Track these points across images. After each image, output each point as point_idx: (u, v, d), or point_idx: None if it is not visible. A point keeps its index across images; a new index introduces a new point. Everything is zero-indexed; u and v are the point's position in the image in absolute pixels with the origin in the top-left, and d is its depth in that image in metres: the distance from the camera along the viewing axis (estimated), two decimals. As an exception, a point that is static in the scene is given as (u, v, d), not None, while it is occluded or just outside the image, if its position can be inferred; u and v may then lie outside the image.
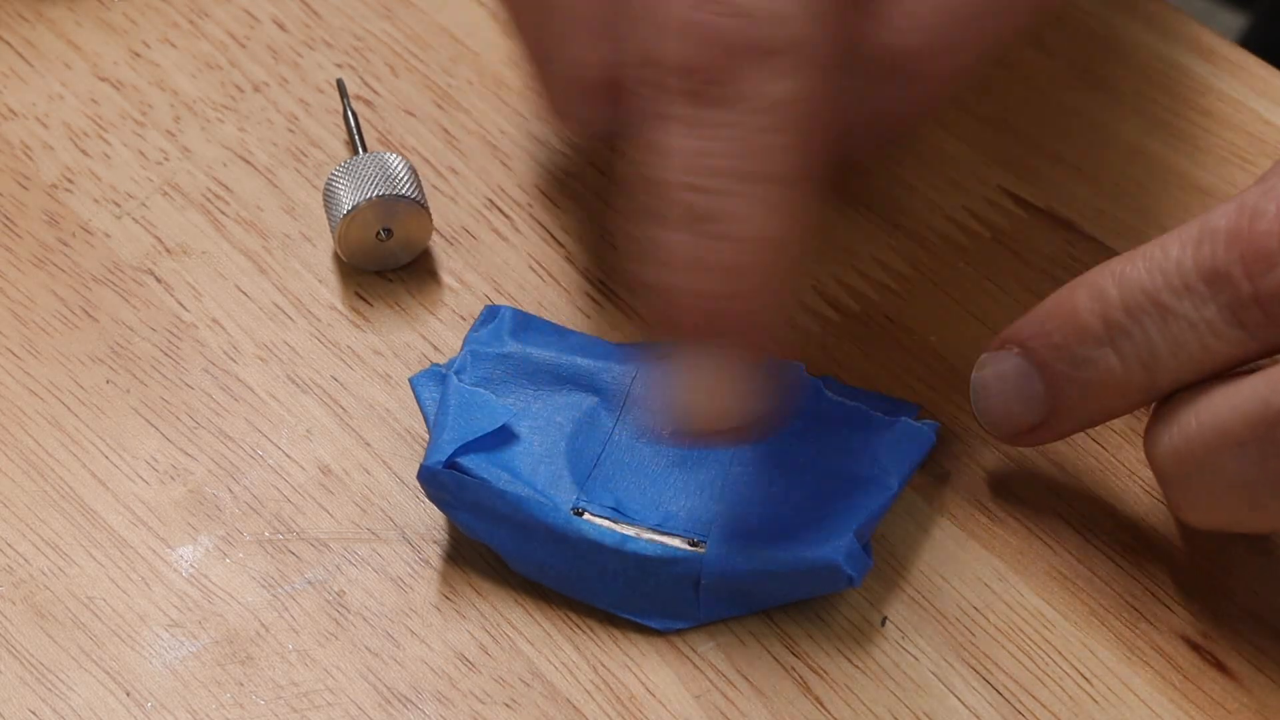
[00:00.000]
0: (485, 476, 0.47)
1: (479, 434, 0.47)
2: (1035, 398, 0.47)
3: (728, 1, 0.42)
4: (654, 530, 0.47)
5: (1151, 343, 0.45)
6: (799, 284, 0.44)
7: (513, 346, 0.49)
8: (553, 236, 0.54)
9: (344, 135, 0.56)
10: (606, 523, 0.47)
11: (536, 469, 0.47)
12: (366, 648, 0.47)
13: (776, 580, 0.46)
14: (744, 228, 0.42)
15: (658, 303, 0.43)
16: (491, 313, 0.50)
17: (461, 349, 0.49)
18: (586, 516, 0.47)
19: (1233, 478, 0.44)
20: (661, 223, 0.43)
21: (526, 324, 0.50)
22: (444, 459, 0.46)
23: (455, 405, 0.47)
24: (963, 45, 0.48)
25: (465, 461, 0.47)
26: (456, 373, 0.48)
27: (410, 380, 0.49)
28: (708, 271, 0.42)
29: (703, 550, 0.46)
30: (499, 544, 0.47)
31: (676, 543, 0.47)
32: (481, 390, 0.48)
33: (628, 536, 0.47)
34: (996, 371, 0.47)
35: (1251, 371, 0.44)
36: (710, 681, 0.46)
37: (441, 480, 0.47)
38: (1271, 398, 0.43)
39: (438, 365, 0.49)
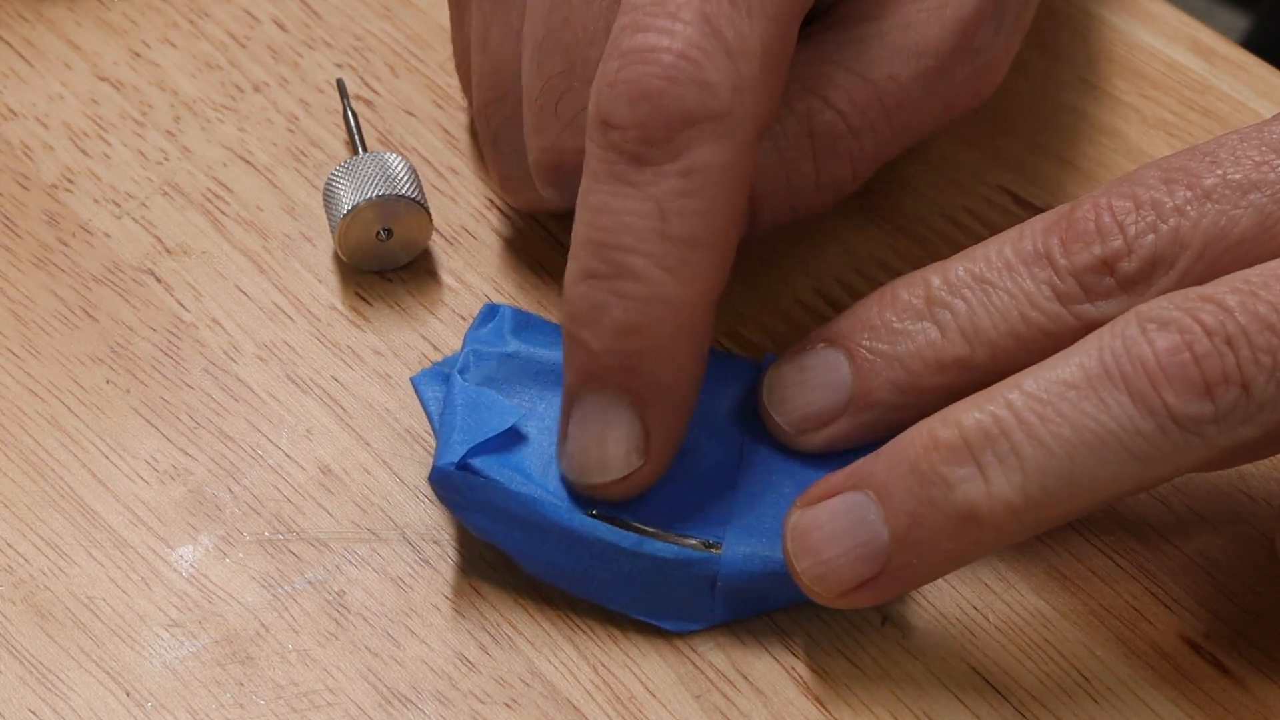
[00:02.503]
0: (498, 478, 0.46)
1: (488, 435, 0.47)
2: (837, 385, 0.47)
3: (671, 67, 0.44)
4: (669, 532, 0.47)
5: (973, 313, 0.46)
6: (704, 346, 0.46)
7: (515, 346, 0.49)
8: (553, 236, 0.54)
9: (344, 135, 0.56)
10: (621, 524, 0.47)
11: (547, 470, 0.47)
12: (366, 648, 0.47)
13: (791, 582, 0.46)
14: (644, 287, 0.44)
15: (566, 348, 0.45)
16: (491, 311, 0.50)
17: (462, 348, 0.49)
18: (601, 518, 0.47)
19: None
20: (574, 274, 0.45)
21: (527, 323, 0.50)
22: (456, 460, 0.46)
23: (462, 405, 0.47)
24: (890, 128, 0.50)
25: (477, 463, 0.46)
26: (460, 372, 0.48)
27: (412, 380, 0.49)
28: (605, 326, 0.44)
29: (718, 552, 0.46)
30: (511, 545, 0.47)
31: (692, 544, 0.47)
32: (488, 390, 0.48)
33: (644, 538, 0.46)
34: (798, 364, 0.47)
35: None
36: (710, 681, 0.46)
37: (454, 482, 0.46)
38: (1087, 361, 0.43)
39: (439, 364, 0.49)
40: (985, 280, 0.46)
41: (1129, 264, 0.45)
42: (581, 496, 0.47)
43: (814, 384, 0.47)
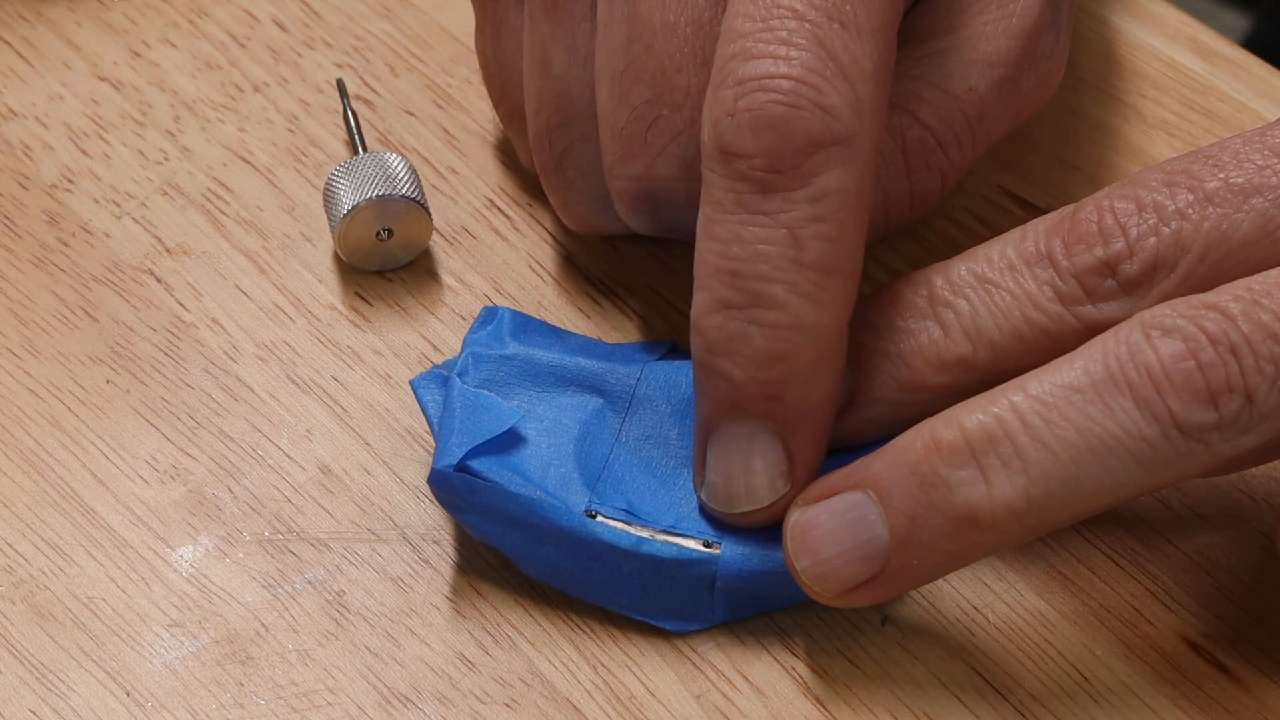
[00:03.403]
0: (497, 480, 0.46)
1: (487, 437, 0.47)
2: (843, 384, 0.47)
3: (793, 94, 0.44)
4: (668, 532, 0.47)
5: (976, 313, 0.46)
6: (841, 368, 0.46)
7: (514, 348, 0.49)
8: (553, 236, 0.54)
9: (344, 135, 0.56)
10: (620, 525, 0.47)
11: (546, 472, 0.47)
12: (366, 648, 0.47)
13: (790, 582, 0.46)
14: (784, 315, 0.44)
15: (701, 379, 0.45)
16: (490, 314, 0.50)
17: (461, 351, 0.49)
18: (600, 519, 0.47)
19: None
20: (707, 305, 0.45)
21: (526, 325, 0.50)
22: (454, 462, 0.46)
23: (461, 408, 0.47)
24: (972, 139, 0.50)
25: (475, 465, 0.46)
26: (459, 375, 0.48)
27: (411, 383, 0.49)
28: (747, 356, 0.44)
29: (718, 552, 0.46)
30: (510, 547, 0.47)
31: (691, 544, 0.47)
32: (486, 393, 0.48)
33: (643, 539, 0.46)
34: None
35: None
36: (710, 681, 0.46)
37: (453, 484, 0.46)
38: (1091, 365, 0.43)
39: (438, 367, 0.49)
40: (988, 280, 0.46)
41: (1130, 266, 0.45)
42: (575, 499, 0.47)
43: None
